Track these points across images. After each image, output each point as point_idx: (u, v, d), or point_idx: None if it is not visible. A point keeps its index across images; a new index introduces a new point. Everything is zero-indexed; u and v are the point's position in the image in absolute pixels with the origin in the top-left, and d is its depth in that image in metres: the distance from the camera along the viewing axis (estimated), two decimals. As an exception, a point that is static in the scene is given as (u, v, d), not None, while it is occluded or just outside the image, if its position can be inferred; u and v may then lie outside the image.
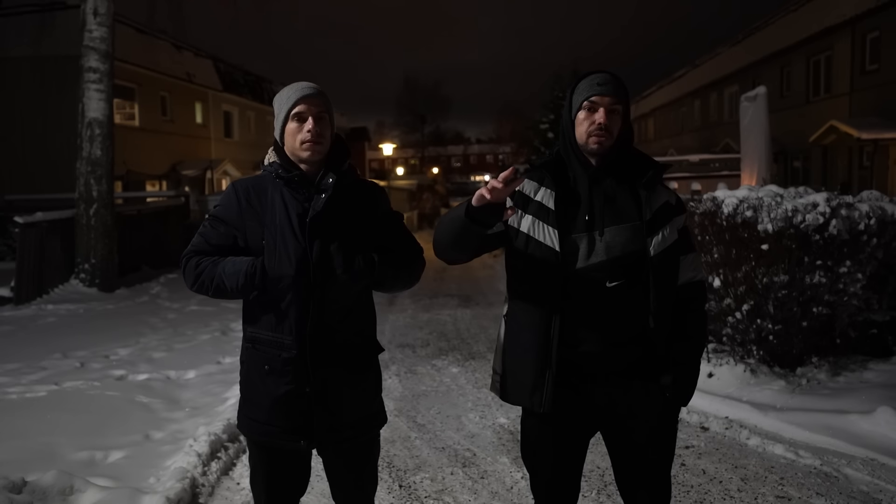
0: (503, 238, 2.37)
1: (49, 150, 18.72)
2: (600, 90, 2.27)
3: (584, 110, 2.30)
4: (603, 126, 2.26)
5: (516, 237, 2.33)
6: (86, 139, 11.61)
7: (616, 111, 2.29)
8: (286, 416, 2.36)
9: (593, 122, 2.27)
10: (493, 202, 2.09)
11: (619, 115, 2.30)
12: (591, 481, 4.10)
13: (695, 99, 31.86)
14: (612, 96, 2.27)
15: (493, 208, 2.11)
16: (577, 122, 2.32)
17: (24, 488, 3.72)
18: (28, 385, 6.10)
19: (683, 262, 2.39)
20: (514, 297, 2.42)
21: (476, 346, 7.89)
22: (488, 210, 2.11)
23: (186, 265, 2.40)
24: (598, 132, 2.27)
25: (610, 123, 2.27)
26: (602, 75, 2.31)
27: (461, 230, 2.19)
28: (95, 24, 11.48)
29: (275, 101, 2.40)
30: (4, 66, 19.41)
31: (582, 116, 2.30)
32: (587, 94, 2.29)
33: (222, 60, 29.70)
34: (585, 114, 2.30)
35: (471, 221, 2.14)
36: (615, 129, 2.29)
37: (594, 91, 2.28)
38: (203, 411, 5.39)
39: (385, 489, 4.07)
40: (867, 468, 4.19)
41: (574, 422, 2.38)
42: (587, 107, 2.29)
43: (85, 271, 11.63)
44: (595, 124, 2.27)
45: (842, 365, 5.81)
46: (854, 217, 5.55)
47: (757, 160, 9.85)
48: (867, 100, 18.15)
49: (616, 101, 2.28)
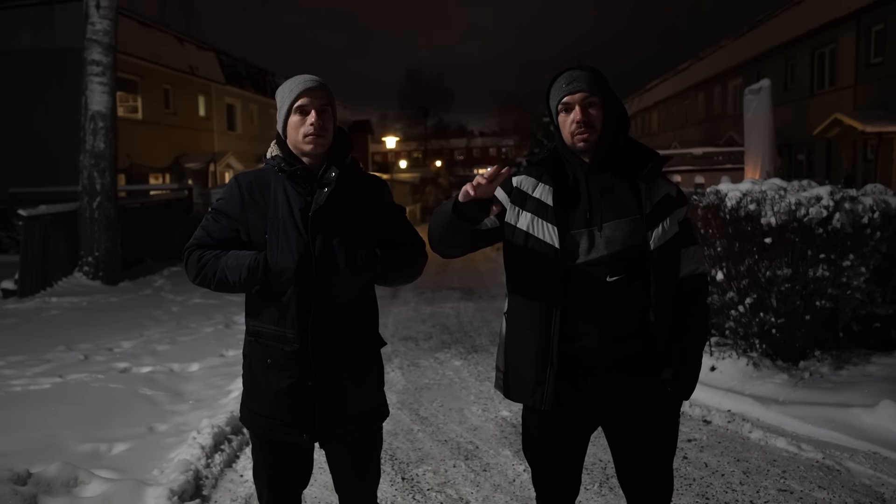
0: (499, 234, 2.38)
1: (51, 143, 18.75)
2: (569, 89, 2.27)
3: (562, 112, 2.30)
4: (581, 122, 2.25)
5: (514, 234, 2.33)
6: (89, 132, 11.62)
7: (593, 104, 2.27)
8: (288, 410, 2.36)
9: (572, 122, 2.27)
10: (479, 198, 2.11)
11: (599, 107, 2.27)
12: (593, 474, 4.10)
13: (699, 92, 31.77)
14: (583, 91, 2.26)
15: (480, 204, 2.14)
16: (560, 124, 2.32)
17: (28, 480, 3.74)
18: (32, 377, 6.12)
19: (685, 254, 2.37)
20: (513, 294, 2.42)
21: (479, 339, 7.89)
22: (474, 206, 2.14)
23: (189, 258, 2.39)
24: (579, 130, 2.26)
25: (588, 119, 2.26)
26: (569, 73, 2.30)
27: (449, 225, 2.22)
28: (98, 17, 11.46)
29: (277, 93, 2.39)
30: (7, 59, 19.41)
31: (562, 119, 2.30)
32: (559, 97, 2.29)
33: (225, 53, 29.68)
34: (563, 115, 2.30)
35: (458, 217, 2.17)
36: (596, 122, 2.27)
37: (564, 92, 2.28)
38: (206, 404, 5.40)
39: (388, 482, 4.08)
40: (869, 462, 4.19)
41: (575, 416, 2.38)
42: (562, 108, 2.29)
43: (88, 264, 11.65)
44: (574, 123, 2.26)
45: (844, 358, 5.80)
46: (858, 210, 5.54)
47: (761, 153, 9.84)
48: (872, 93, 18.08)
49: (589, 94, 2.26)
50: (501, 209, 2.32)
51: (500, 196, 2.37)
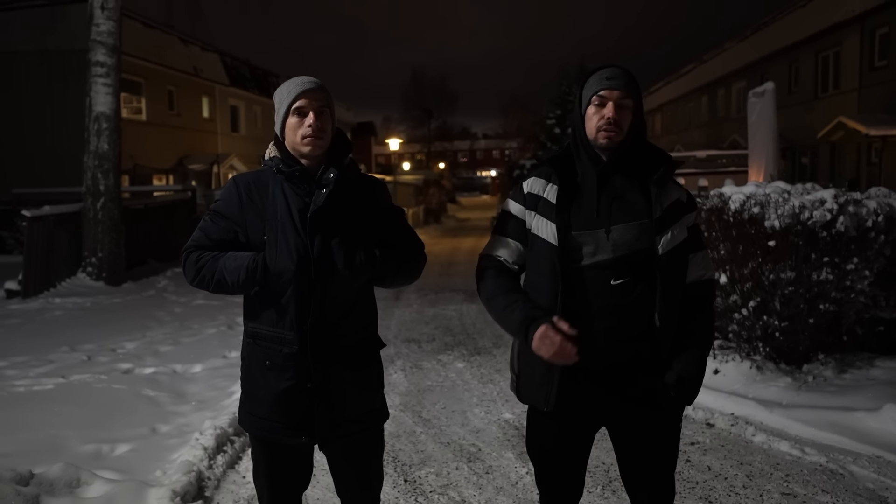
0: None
1: (55, 144, 18.79)
2: (609, 84, 2.24)
3: (594, 105, 2.27)
4: (612, 121, 2.23)
5: (527, 236, 2.34)
6: (93, 133, 11.64)
7: (626, 106, 2.25)
8: (287, 412, 2.36)
9: (602, 117, 2.24)
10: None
11: (630, 110, 2.26)
12: (595, 477, 4.10)
13: (702, 95, 31.74)
14: (621, 90, 2.24)
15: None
16: (587, 117, 2.29)
17: (31, 480, 3.75)
18: (35, 378, 6.13)
19: (692, 260, 2.35)
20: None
21: (482, 342, 7.88)
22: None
23: (187, 260, 2.38)
24: (607, 127, 2.24)
25: (619, 118, 2.24)
26: (611, 69, 2.28)
27: (507, 330, 2.31)
28: (103, 19, 11.49)
29: (275, 95, 2.38)
30: (11, 60, 19.49)
31: (591, 111, 2.28)
32: (596, 89, 2.26)
33: (229, 55, 29.76)
34: (595, 109, 2.27)
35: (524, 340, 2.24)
36: (625, 123, 2.25)
37: (603, 85, 2.25)
38: (209, 405, 5.41)
39: (390, 484, 4.08)
40: (873, 465, 4.17)
41: (578, 418, 2.38)
42: (596, 102, 2.26)
43: (92, 265, 11.67)
44: (604, 119, 2.24)
45: (848, 362, 5.78)
46: (862, 214, 5.52)
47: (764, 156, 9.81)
48: (876, 96, 18.04)
49: (626, 95, 2.24)
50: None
51: (514, 210, 2.37)
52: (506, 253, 2.38)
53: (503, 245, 2.39)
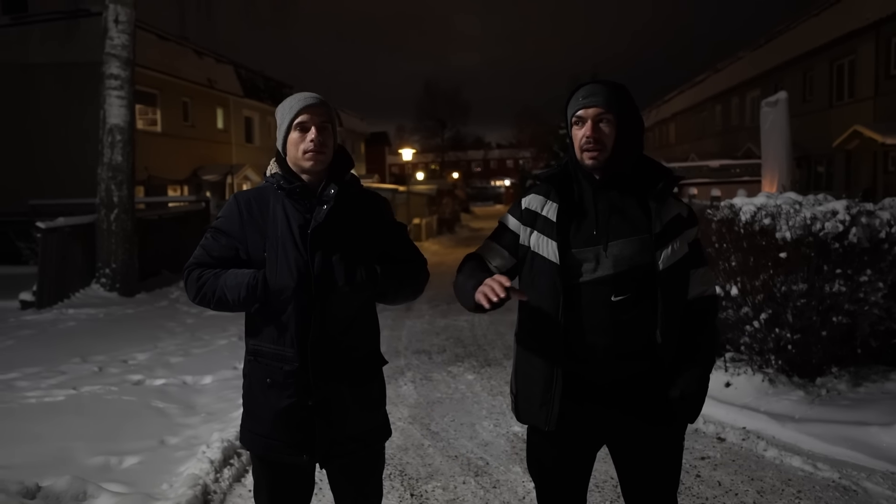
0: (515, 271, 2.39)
1: (73, 155, 18.94)
2: (584, 103, 2.23)
3: (575, 126, 2.26)
4: (591, 139, 2.20)
5: (525, 253, 2.32)
6: (107, 145, 11.75)
7: (606, 120, 2.21)
8: (288, 430, 2.34)
9: (582, 137, 2.23)
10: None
11: (612, 125, 2.22)
12: (604, 492, 4.05)
13: (716, 103, 31.65)
14: (597, 107, 2.21)
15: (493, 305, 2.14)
16: (573, 138, 2.28)
17: (37, 493, 3.76)
18: (47, 389, 6.17)
19: (693, 276, 2.33)
20: (521, 312, 2.41)
21: (492, 353, 7.85)
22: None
23: (188, 277, 2.39)
24: (587, 146, 2.21)
25: (598, 135, 2.21)
26: (588, 87, 2.26)
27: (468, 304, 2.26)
28: (117, 32, 11.61)
29: (277, 111, 2.39)
30: (29, 72, 19.70)
31: (574, 132, 2.27)
32: (574, 110, 2.25)
33: (243, 66, 29.96)
34: (576, 129, 2.26)
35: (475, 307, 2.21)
36: (607, 140, 2.22)
37: (579, 105, 2.24)
38: (218, 417, 5.41)
39: (396, 498, 4.06)
40: (887, 482, 4.10)
41: (579, 437, 2.35)
42: (575, 121, 2.26)
43: (105, 276, 11.76)
44: (584, 138, 2.22)
45: (862, 375, 5.70)
46: (875, 225, 5.46)
47: (777, 165, 9.75)
48: (892, 104, 17.90)
49: (605, 110, 2.21)
50: (524, 295, 2.28)
51: (511, 224, 2.37)
52: (491, 255, 2.39)
53: (491, 249, 2.40)
